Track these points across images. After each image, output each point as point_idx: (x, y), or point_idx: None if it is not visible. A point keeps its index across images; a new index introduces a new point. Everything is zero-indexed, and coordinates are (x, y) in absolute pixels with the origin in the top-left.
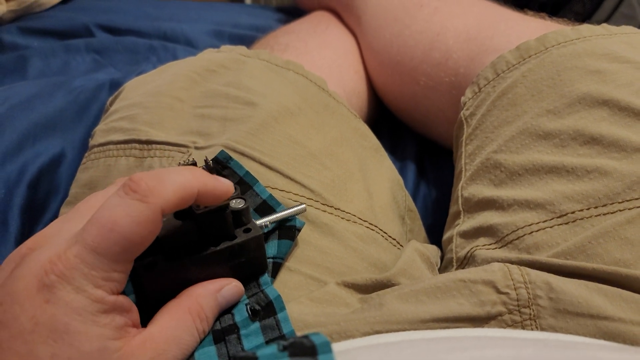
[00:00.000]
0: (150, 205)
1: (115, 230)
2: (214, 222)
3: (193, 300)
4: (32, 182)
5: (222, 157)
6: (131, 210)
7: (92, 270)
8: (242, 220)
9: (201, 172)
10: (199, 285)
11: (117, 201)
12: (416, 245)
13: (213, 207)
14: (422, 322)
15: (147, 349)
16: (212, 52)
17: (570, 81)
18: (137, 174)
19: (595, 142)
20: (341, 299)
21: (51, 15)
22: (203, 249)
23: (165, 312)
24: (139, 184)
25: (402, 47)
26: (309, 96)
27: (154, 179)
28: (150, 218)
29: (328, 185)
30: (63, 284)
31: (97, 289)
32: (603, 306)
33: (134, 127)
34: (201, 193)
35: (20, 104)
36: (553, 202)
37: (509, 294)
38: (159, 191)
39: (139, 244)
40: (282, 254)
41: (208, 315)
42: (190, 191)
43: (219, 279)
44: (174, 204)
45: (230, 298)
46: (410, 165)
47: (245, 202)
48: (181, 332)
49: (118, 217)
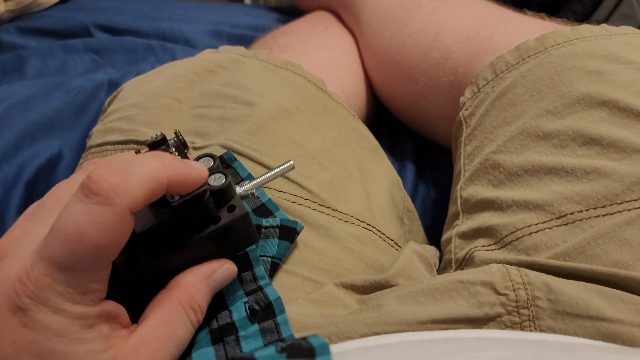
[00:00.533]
0: (116, 207)
1: (82, 241)
2: (192, 211)
3: (183, 291)
4: (30, 183)
5: (227, 157)
6: (95, 217)
7: (67, 287)
8: (225, 197)
9: (170, 158)
10: (189, 272)
11: (78, 207)
12: (414, 246)
13: (189, 197)
14: (420, 323)
15: (141, 352)
16: (211, 52)
17: (570, 82)
18: (96, 170)
19: (595, 142)
20: (339, 300)
21: (49, 15)
22: (186, 236)
23: (156, 308)
24: (99, 185)
25: (401, 47)
26: (308, 96)
27: (117, 175)
28: (117, 222)
29: (326, 186)
30: (38, 306)
31: (76, 305)
32: (602, 307)
33: (132, 128)
34: (172, 183)
35: (18, 104)
36: (552, 203)
37: (507, 295)
38: (124, 189)
39: (111, 250)
40: (280, 255)
41: (201, 304)
42: (160, 183)
43: (209, 262)
44: (142, 201)
45: (223, 281)
46: (409, 165)
47: (226, 176)
48: (174, 328)
49: (82, 226)
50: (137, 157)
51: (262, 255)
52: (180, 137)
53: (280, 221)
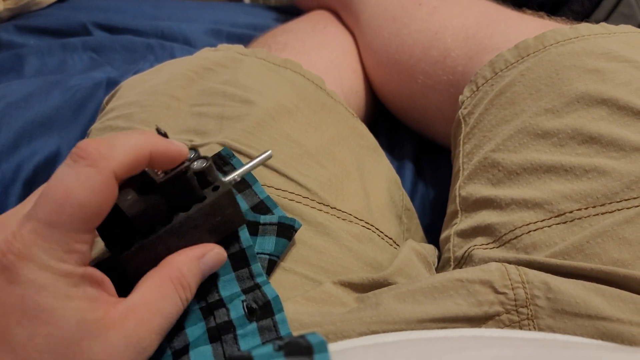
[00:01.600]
0: (102, 169)
1: (69, 200)
2: (178, 188)
3: (174, 268)
4: (28, 181)
5: (225, 154)
6: (82, 177)
7: (53, 245)
8: (209, 180)
9: (151, 133)
10: (180, 252)
11: (66, 170)
12: (413, 245)
13: (173, 173)
14: (419, 322)
15: (129, 318)
16: (209, 50)
17: (569, 80)
18: (85, 140)
19: (594, 141)
20: (337, 299)
21: (48, 13)
22: (175, 216)
23: (147, 281)
24: (86, 150)
25: (400, 45)
26: (307, 95)
27: (103, 143)
28: (103, 183)
29: (324, 184)
30: (24, 262)
31: (61, 263)
32: (601, 306)
33: (130, 126)
34: (154, 154)
35: (16, 102)
36: (551, 201)
37: (506, 294)
38: (110, 155)
39: (96, 212)
40: (278, 252)
41: (190, 282)
42: (142, 152)
43: (200, 244)
44: (127, 167)
45: (213, 264)
46: (408, 164)
47: (208, 160)
48: (164, 301)
49: (70, 186)
50: (122, 132)
51: (259, 253)
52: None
53: (278, 218)
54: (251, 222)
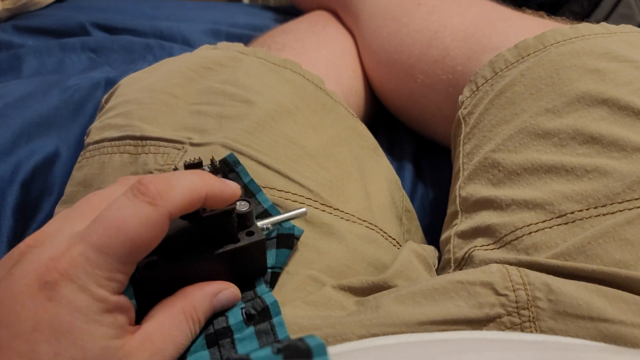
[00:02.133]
0: (159, 208)
1: (123, 230)
2: (220, 225)
3: (188, 302)
4: (26, 181)
5: (230, 160)
6: (140, 212)
7: (97, 270)
8: (246, 223)
9: (209, 176)
10: (196, 287)
11: (125, 202)
12: (413, 246)
13: (219, 211)
14: (419, 324)
15: (145, 348)
16: (209, 49)
17: (569, 80)
18: (146, 176)
19: (595, 141)
20: (337, 302)
21: (46, 14)
22: (205, 250)
23: (161, 310)
24: (148, 187)
25: (399, 45)
26: (307, 95)
27: (164, 182)
28: (158, 221)
29: (325, 185)
30: (66, 282)
31: (100, 289)
32: (603, 308)
33: (128, 123)
34: (209, 197)
35: (14, 102)
36: (552, 202)
37: (507, 296)
38: (168, 195)
39: (145, 247)
40: (280, 264)
41: (200, 317)
42: (199, 196)
43: (217, 281)
44: (182, 208)
45: (226, 303)
46: (408, 165)
47: (250, 204)
48: (176, 331)
49: (126, 218)
50: (182, 172)
51: None
52: (215, 163)
53: (278, 230)
54: None
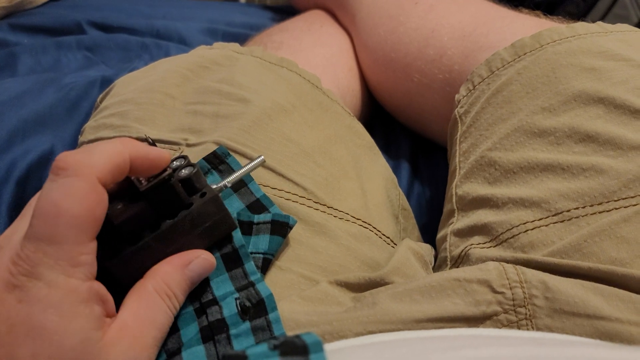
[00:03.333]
0: (85, 176)
1: (62, 213)
2: (163, 195)
3: (158, 279)
4: (21, 179)
5: (220, 152)
6: (67, 188)
7: (59, 260)
8: (196, 187)
9: (129, 139)
10: (165, 262)
11: (50, 185)
12: (410, 244)
13: (156, 180)
14: (416, 321)
15: (124, 336)
16: (205, 48)
17: (566, 79)
18: (62, 153)
19: (591, 139)
20: (333, 298)
21: (42, 12)
22: (160, 224)
23: (133, 295)
24: (65, 161)
25: (396, 44)
26: (303, 94)
27: (80, 152)
28: (89, 189)
29: (321, 184)
30: (33, 281)
31: (69, 279)
32: (600, 306)
33: (124, 124)
34: (133, 158)
35: (9, 100)
36: (548, 200)
37: (504, 294)
38: (89, 162)
39: (91, 219)
40: (272, 251)
41: (176, 292)
42: (122, 156)
43: (186, 251)
44: (109, 172)
45: (201, 271)
46: (404, 164)
47: (194, 167)
48: (152, 312)
49: (57, 199)
50: (100, 141)
51: (253, 253)
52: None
53: (272, 216)
54: (245, 222)
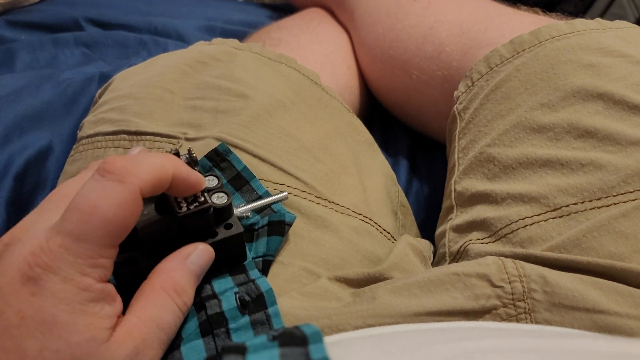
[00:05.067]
0: (128, 185)
1: (97, 214)
2: (196, 222)
3: (164, 276)
4: (19, 175)
5: (221, 150)
6: (110, 192)
7: (78, 258)
8: (224, 215)
9: (176, 158)
10: (166, 259)
11: (94, 185)
12: (409, 239)
13: (197, 209)
14: (415, 315)
15: (132, 337)
16: (203, 44)
17: (565, 75)
18: (112, 156)
19: (590, 135)
20: (333, 294)
21: (39, 9)
22: (183, 244)
23: (140, 296)
24: (114, 166)
25: (394, 40)
26: (302, 89)
27: (129, 160)
28: (130, 198)
29: (322, 178)
30: (49, 275)
31: (84, 277)
32: (598, 300)
33: (123, 118)
34: (176, 178)
35: (7, 95)
36: (547, 195)
37: (503, 288)
38: (135, 171)
39: (122, 227)
40: (272, 251)
41: (185, 287)
42: (166, 173)
43: (181, 248)
44: (151, 185)
45: (201, 262)
46: (403, 161)
47: (228, 197)
48: (159, 312)
49: (97, 201)
50: (147, 153)
51: (254, 258)
52: (194, 155)
53: (269, 217)
54: (247, 229)
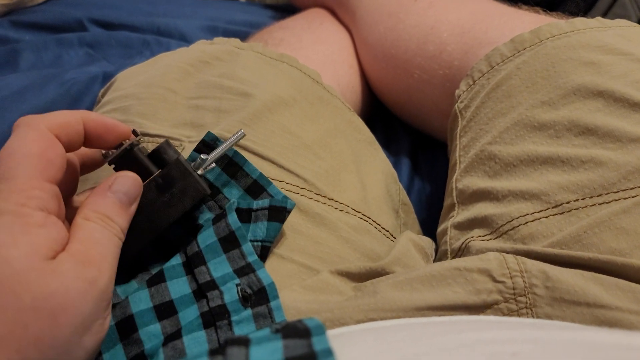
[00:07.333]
0: (34, 126)
1: (13, 154)
2: (130, 166)
3: (85, 210)
4: None
5: (209, 139)
6: (20, 135)
7: (11, 193)
8: (165, 158)
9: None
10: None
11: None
12: (411, 236)
13: (119, 151)
14: (416, 309)
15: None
16: (205, 43)
17: (565, 73)
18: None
19: (590, 132)
20: (335, 287)
21: (44, 9)
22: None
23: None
24: (20, 120)
25: (396, 40)
26: (303, 88)
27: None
28: (39, 135)
29: (321, 175)
30: None
31: (22, 207)
32: (599, 295)
33: (127, 119)
34: (87, 121)
35: (11, 95)
36: (548, 192)
37: (505, 283)
38: (40, 117)
39: (43, 160)
40: (270, 237)
41: (109, 214)
42: (73, 117)
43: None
44: (57, 125)
45: (126, 189)
46: (404, 160)
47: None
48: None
49: (10, 145)
50: None
51: (251, 240)
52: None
53: (270, 202)
54: (244, 209)
